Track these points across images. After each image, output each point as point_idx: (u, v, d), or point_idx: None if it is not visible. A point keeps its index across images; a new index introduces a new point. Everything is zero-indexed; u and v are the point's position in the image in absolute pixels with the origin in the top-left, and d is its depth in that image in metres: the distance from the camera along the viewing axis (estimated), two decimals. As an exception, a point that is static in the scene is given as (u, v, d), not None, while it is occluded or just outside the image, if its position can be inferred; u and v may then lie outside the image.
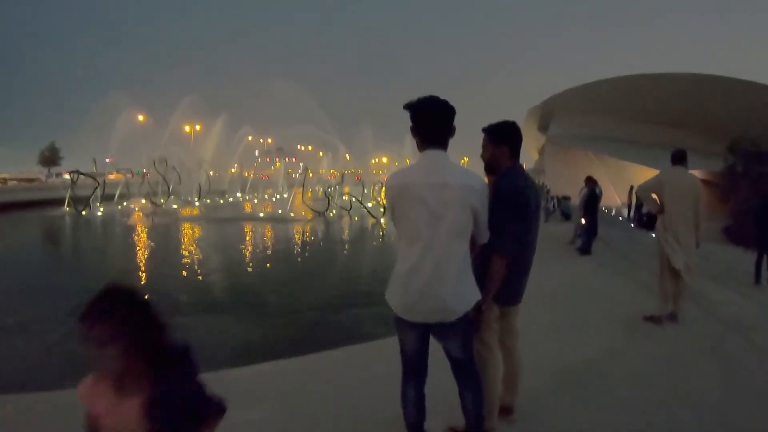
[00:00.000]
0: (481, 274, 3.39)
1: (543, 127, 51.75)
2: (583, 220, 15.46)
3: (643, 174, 33.70)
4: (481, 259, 3.46)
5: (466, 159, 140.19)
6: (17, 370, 7.18)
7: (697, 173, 34.75)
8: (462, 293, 3.11)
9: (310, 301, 11.26)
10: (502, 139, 3.81)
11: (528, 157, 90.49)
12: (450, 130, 3.14)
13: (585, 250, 14.71)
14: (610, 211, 30.68)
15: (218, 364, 6.09)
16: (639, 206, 21.02)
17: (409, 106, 3.14)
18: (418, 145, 3.16)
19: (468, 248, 3.22)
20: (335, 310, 10.41)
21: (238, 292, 12.12)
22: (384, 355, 5.63)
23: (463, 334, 3.24)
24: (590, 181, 15.72)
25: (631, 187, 17.32)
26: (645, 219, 23.88)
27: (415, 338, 3.25)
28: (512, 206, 3.52)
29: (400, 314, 3.17)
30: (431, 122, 3.10)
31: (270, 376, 5.87)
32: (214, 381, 1.96)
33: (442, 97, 3.11)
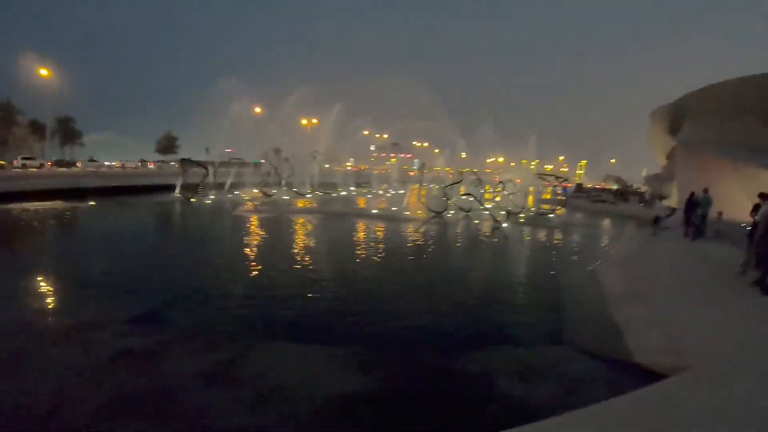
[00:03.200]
0: None
1: (673, 130, 45.67)
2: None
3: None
4: None
5: (584, 162, 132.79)
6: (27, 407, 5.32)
7: None
8: None
9: (423, 333, 8.45)
10: None
11: (653, 162, 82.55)
12: None
13: (769, 287, 10.30)
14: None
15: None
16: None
17: None
18: None
19: None
20: (457, 350, 7.58)
21: (332, 310, 9.51)
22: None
23: None
24: None
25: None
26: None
27: None
28: None
29: None
30: None
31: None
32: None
33: None
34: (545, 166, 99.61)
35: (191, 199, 31.94)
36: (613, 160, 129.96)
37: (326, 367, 6.66)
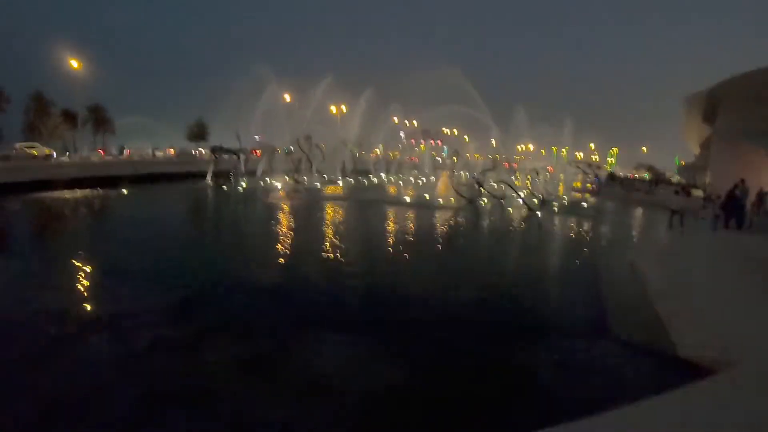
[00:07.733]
0: None
1: (708, 118, 43.58)
2: None
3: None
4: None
5: (615, 149, 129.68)
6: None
7: None
8: None
9: (461, 322, 8.09)
10: None
11: (687, 151, 79.64)
12: None
13: None
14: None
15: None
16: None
17: None
18: None
19: None
20: (495, 341, 7.38)
21: (368, 299, 9.24)
22: None
23: None
24: None
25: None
26: None
27: None
28: None
29: None
30: None
31: None
32: None
33: None
34: (576, 154, 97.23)
35: (223, 186, 32.01)
36: (644, 148, 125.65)
37: (366, 359, 6.43)
